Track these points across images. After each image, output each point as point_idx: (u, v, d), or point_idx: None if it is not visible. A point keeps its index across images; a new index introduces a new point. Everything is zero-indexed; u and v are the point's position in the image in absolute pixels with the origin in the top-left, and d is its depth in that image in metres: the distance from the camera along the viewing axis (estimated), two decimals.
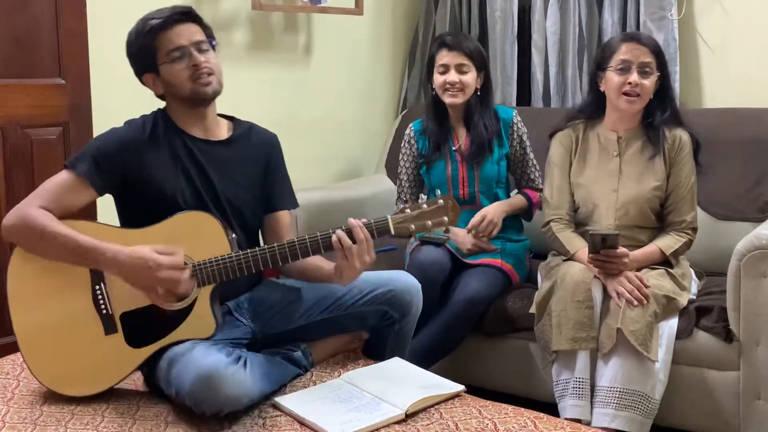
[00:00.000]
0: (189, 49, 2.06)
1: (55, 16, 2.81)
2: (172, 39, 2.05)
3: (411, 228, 1.97)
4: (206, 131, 2.15)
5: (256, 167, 2.21)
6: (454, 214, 1.97)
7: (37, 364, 2.00)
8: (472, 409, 1.93)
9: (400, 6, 4.04)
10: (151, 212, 2.03)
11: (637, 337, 2.28)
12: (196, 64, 2.05)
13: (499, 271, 2.75)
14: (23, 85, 2.78)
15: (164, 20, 2.05)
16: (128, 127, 2.12)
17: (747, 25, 3.28)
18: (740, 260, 2.36)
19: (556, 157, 2.69)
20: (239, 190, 2.16)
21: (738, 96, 3.23)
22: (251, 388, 1.89)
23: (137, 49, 2.09)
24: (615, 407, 2.28)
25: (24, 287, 2.01)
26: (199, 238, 1.99)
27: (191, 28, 2.08)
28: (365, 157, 3.93)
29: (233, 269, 1.97)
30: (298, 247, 1.98)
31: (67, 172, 2.03)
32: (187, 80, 2.06)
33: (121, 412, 1.92)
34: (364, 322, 2.21)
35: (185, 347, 1.92)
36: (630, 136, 2.61)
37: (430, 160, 2.92)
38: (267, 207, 2.24)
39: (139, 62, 2.11)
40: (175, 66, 2.05)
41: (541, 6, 3.64)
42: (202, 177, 2.11)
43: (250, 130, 2.24)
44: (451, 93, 2.83)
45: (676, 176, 2.56)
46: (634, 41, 2.54)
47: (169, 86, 2.09)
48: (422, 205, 1.98)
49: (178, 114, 2.13)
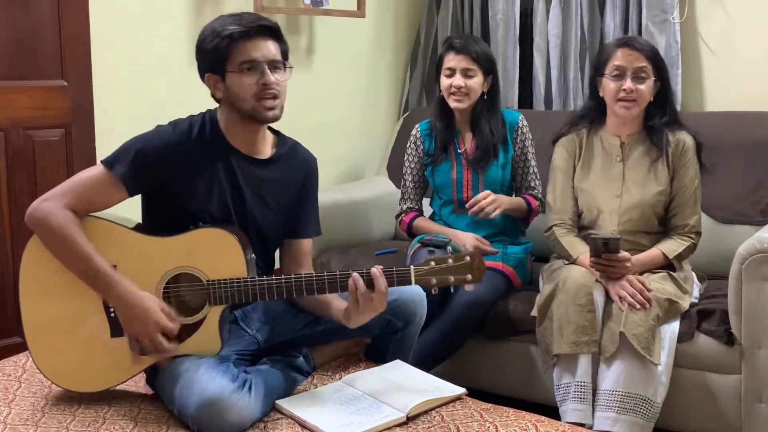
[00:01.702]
0: (263, 66, 1.99)
1: (58, 17, 2.81)
2: (249, 50, 1.98)
3: (432, 282, 1.94)
4: (252, 148, 2.10)
5: (290, 191, 2.17)
6: (479, 272, 1.93)
7: (40, 355, 2.00)
8: (473, 413, 1.93)
9: (402, 8, 4.04)
10: (176, 218, 2.01)
11: (639, 340, 2.28)
12: (266, 83, 1.99)
13: (501, 274, 2.75)
14: (25, 86, 2.78)
15: (246, 30, 1.98)
16: (174, 130, 2.04)
17: (749, 28, 3.28)
18: (742, 263, 2.36)
19: (560, 162, 2.68)
20: (268, 212, 2.13)
21: (740, 99, 3.23)
22: (254, 412, 1.88)
23: (210, 48, 2.00)
24: (617, 411, 2.28)
25: (37, 276, 1.99)
26: (217, 255, 1.97)
27: (270, 45, 2.01)
28: (367, 159, 3.93)
29: (246, 294, 1.96)
30: (315, 284, 1.95)
31: (103, 170, 1.99)
32: (252, 97, 1.99)
33: (122, 415, 1.92)
34: (367, 329, 2.19)
35: (190, 363, 1.91)
36: (633, 141, 2.61)
37: (436, 160, 2.92)
38: (291, 232, 2.20)
39: (207, 60, 2.03)
40: (244, 78, 1.99)
41: (542, 9, 3.64)
42: (235, 195, 2.07)
43: (293, 151, 2.19)
44: (456, 97, 2.83)
45: (680, 180, 2.56)
46: (628, 47, 2.53)
47: (230, 95, 2.02)
48: (448, 259, 1.94)
49: (229, 124, 2.07)
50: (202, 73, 2.06)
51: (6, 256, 2.77)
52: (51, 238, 1.95)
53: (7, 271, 2.76)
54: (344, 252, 3.18)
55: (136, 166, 1.98)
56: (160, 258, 1.98)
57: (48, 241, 1.96)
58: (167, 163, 2.00)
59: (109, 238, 1.98)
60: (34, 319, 2.00)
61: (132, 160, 1.98)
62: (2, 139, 2.74)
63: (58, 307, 1.99)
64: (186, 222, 2.01)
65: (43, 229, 1.95)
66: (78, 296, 1.97)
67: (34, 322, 2.00)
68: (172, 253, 1.97)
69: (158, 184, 2.02)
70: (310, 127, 3.62)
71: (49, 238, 1.95)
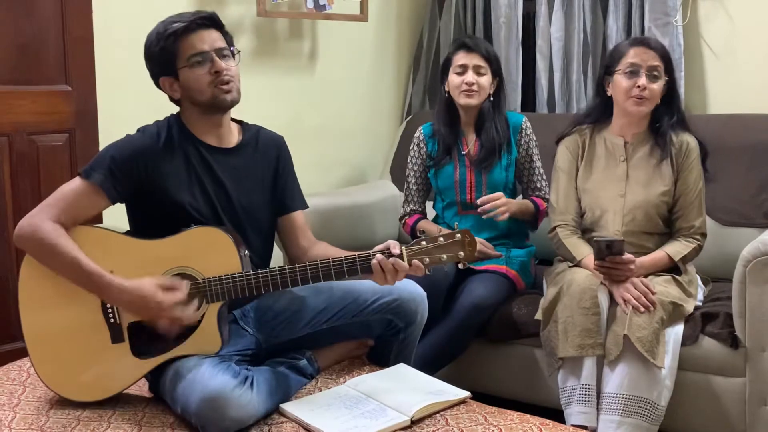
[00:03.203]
0: (211, 55, 2.04)
1: (62, 22, 2.81)
2: (195, 44, 2.04)
3: (426, 261, 1.96)
4: (220, 139, 2.14)
5: (266, 171, 2.21)
6: (471, 249, 1.95)
7: (42, 366, 2.01)
8: (477, 416, 1.92)
9: (404, 12, 4.04)
10: (163, 221, 2.03)
11: (644, 343, 2.27)
12: (218, 70, 2.03)
13: (505, 277, 2.75)
14: (29, 91, 2.78)
15: (187, 24, 2.03)
16: (143, 134, 2.10)
17: (752, 31, 3.28)
18: (746, 266, 2.36)
19: (563, 163, 2.69)
20: (252, 196, 2.16)
21: (743, 102, 3.23)
22: (257, 408, 1.89)
23: (157, 51, 2.05)
24: (621, 414, 2.27)
25: (35, 290, 2.01)
26: (210, 253, 1.99)
27: (213, 34, 2.07)
28: (370, 162, 3.93)
29: (242, 288, 1.97)
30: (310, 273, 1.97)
31: (81, 181, 2.02)
32: (208, 86, 2.04)
33: (126, 419, 1.93)
34: (369, 330, 2.21)
35: (192, 363, 1.92)
36: (637, 141, 2.61)
37: (439, 163, 2.92)
38: (280, 209, 2.25)
39: (157, 65, 2.08)
40: (196, 71, 2.04)
41: (545, 12, 3.64)
42: (217, 186, 2.11)
43: (258, 134, 2.23)
44: (468, 93, 2.83)
45: (684, 181, 2.56)
46: (643, 45, 2.55)
47: (187, 91, 2.07)
48: (438, 238, 1.96)
49: (193, 120, 2.12)
50: (156, 79, 2.11)
51: (10, 261, 2.77)
52: (39, 251, 1.97)
53: (11, 276, 2.76)
54: None
55: (113, 172, 2.01)
56: (155, 260, 1.99)
57: (38, 254, 1.98)
58: (142, 165, 2.03)
59: (103, 246, 2.00)
60: (35, 332, 2.01)
61: (108, 166, 2.01)
62: (6, 144, 2.75)
63: (57, 318, 2.00)
64: (174, 222, 2.03)
65: (31, 243, 1.97)
66: (76, 306, 1.99)
67: (35, 335, 2.01)
68: (167, 254, 1.98)
69: (137, 187, 2.04)
70: (313, 131, 3.64)
71: (38, 252, 1.97)
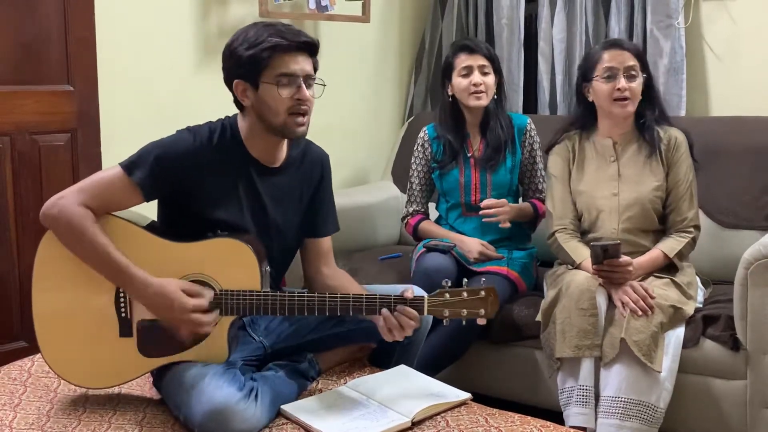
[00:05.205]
0: (299, 81, 1.98)
1: (64, 22, 2.82)
2: (288, 64, 1.97)
3: (445, 314, 1.95)
4: (270, 157, 2.09)
5: (305, 191, 2.18)
6: (493, 308, 1.95)
7: (48, 348, 2.00)
8: (478, 417, 1.93)
9: (406, 13, 4.04)
10: (192, 224, 2.01)
11: (640, 347, 2.27)
12: (301, 98, 1.98)
13: (506, 279, 2.75)
14: (31, 91, 2.79)
15: (290, 44, 1.96)
16: (193, 137, 2.02)
17: (754, 33, 3.28)
18: (747, 269, 2.35)
19: (555, 170, 2.70)
20: (288, 214, 2.14)
21: (745, 104, 3.23)
22: (260, 420, 1.88)
23: (246, 55, 1.96)
24: (620, 417, 2.27)
25: (51, 270, 1.99)
26: (232, 266, 1.97)
27: (307, 61, 2.01)
28: (372, 164, 3.94)
29: (258, 307, 1.96)
30: (328, 305, 1.97)
31: (121, 174, 1.97)
32: (285, 111, 1.98)
33: (127, 419, 1.93)
34: (373, 335, 2.19)
35: (197, 370, 1.91)
36: (625, 140, 2.63)
37: (444, 167, 2.92)
38: (310, 231, 2.22)
39: (238, 67, 1.99)
40: (280, 90, 1.97)
41: (547, 14, 3.64)
42: (257, 206, 2.08)
43: (305, 151, 2.18)
44: (477, 95, 2.83)
45: (675, 175, 2.57)
46: (616, 47, 2.57)
47: (261, 105, 2.00)
48: (463, 292, 1.95)
49: (251, 134, 2.05)
50: (231, 78, 2.03)
51: (12, 260, 2.77)
52: (67, 232, 1.94)
53: (12, 275, 2.76)
54: (349, 257, 3.18)
55: (155, 172, 1.97)
56: (174, 263, 1.97)
57: (64, 236, 1.95)
58: (186, 172, 1.99)
59: (125, 238, 1.97)
60: (45, 311, 2.00)
61: (151, 166, 1.97)
62: (8, 144, 2.75)
63: (69, 302, 1.99)
64: (203, 229, 2.00)
65: (59, 224, 1.94)
66: (90, 293, 1.98)
67: (44, 314, 2.00)
68: (188, 259, 1.97)
69: (175, 191, 2.01)
70: (315, 132, 3.58)
71: (65, 233, 1.94)
